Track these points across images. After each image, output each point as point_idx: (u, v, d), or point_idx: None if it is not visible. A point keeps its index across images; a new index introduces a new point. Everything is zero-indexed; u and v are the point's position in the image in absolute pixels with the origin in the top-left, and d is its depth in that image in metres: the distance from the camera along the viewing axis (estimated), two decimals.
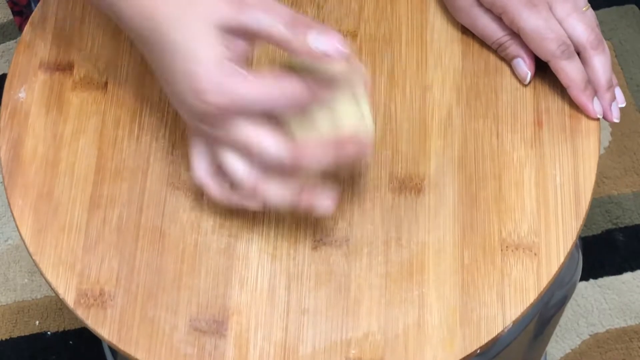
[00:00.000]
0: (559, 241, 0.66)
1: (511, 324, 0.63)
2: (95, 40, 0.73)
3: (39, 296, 1.31)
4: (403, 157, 0.68)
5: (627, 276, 1.30)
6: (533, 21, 0.68)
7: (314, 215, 0.65)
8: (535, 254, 0.65)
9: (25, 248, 0.66)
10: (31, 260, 1.19)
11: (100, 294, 0.64)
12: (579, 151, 0.69)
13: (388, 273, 0.65)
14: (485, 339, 0.63)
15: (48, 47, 0.73)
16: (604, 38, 0.70)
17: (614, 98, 0.70)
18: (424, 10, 0.74)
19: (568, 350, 1.25)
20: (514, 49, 0.70)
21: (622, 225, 1.33)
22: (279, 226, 0.66)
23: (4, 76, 1.18)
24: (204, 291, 0.65)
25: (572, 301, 1.28)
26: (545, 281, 0.64)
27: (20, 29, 1.02)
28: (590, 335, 1.26)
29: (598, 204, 1.34)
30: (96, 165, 0.68)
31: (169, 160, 0.69)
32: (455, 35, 0.73)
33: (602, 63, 0.69)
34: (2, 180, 0.68)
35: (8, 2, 1.01)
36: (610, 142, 1.38)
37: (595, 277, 1.30)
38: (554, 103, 0.70)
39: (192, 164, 0.64)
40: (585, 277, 1.29)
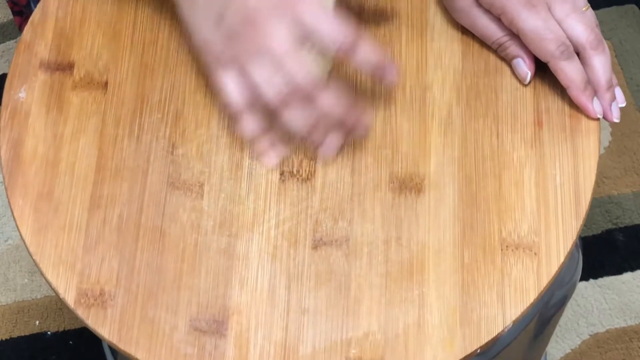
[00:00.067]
0: (559, 241, 0.66)
1: (511, 324, 0.63)
2: (96, 40, 0.73)
3: (39, 296, 1.31)
4: (403, 157, 0.68)
5: (627, 276, 1.30)
6: (532, 22, 0.68)
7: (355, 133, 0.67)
8: (536, 254, 0.65)
9: (26, 248, 0.66)
10: (31, 260, 1.19)
11: (101, 294, 0.64)
12: (579, 151, 0.69)
13: (388, 273, 0.65)
14: (485, 339, 0.63)
15: (48, 47, 0.73)
16: (603, 38, 0.70)
17: (614, 98, 0.70)
18: (424, 10, 0.73)
19: (568, 350, 1.25)
20: (513, 49, 0.70)
21: (622, 225, 1.33)
22: (279, 226, 0.66)
23: (4, 76, 1.18)
24: (204, 291, 0.65)
25: (572, 301, 1.27)
26: (545, 281, 0.64)
27: (20, 28, 1.02)
28: (590, 335, 1.26)
29: (598, 204, 1.33)
30: (96, 165, 0.68)
31: (169, 160, 0.69)
32: (455, 35, 0.73)
33: (602, 63, 0.69)
34: (3, 180, 0.68)
35: (8, 2, 1.01)
36: (610, 142, 1.38)
37: (595, 277, 1.30)
38: (554, 103, 0.70)
39: (229, 91, 0.64)
40: (585, 277, 1.29)
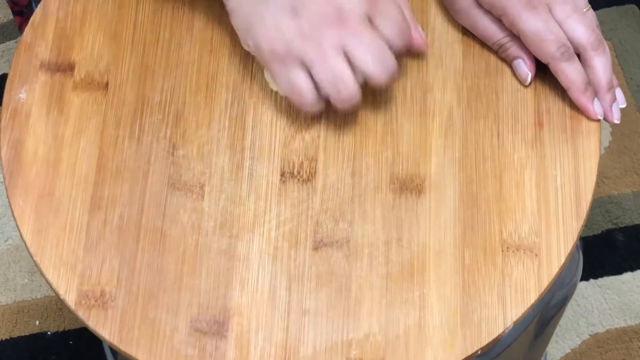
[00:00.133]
0: (560, 242, 0.66)
1: (512, 325, 0.63)
2: (96, 41, 0.73)
3: (39, 296, 1.31)
4: (404, 158, 0.68)
5: (627, 276, 1.30)
6: (532, 23, 0.68)
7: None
8: (536, 255, 0.65)
9: (26, 249, 0.66)
10: (31, 260, 1.19)
11: (101, 295, 0.64)
12: (580, 152, 0.69)
13: (389, 274, 0.65)
14: (486, 340, 0.63)
15: (49, 48, 0.73)
16: (604, 38, 0.70)
17: (615, 99, 0.70)
18: (425, 11, 0.73)
19: (568, 350, 1.25)
20: (514, 50, 0.70)
21: (622, 225, 1.33)
22: (279, 227, 0.66)
23: (5, 76, 1.17)
24: (205, 292, 0.65)
25: (572, 301, 1.27)
26: (546, 282, 0.64)
27: (21, 29, 1.02)
28: (590, 335, 1.26)
29: (598, 204, 1.33)
30: (97, 166, 0.68)
31: (169, 160, 0.69)
32: (455, 36, 0.73)
33: (603, 64, 0.69)
34: (3, 181, 0.68)
35: (8, 2, 1.01)
36: (610, 142, 1.38)
37: (595, 277, 1.30)
38: (554, 104, 0.70)
39: (300, 89, 0.65)
40: (585, 277, 1.29)
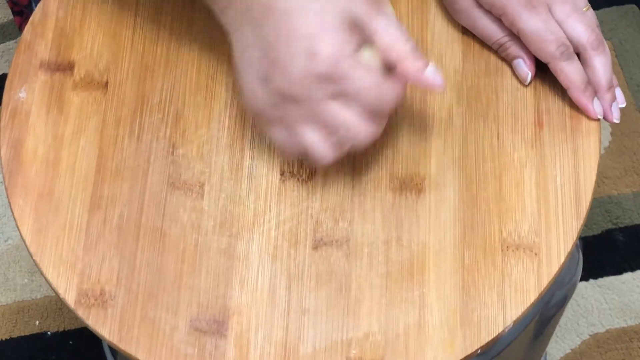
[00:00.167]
0: (560, 241, 0.66)
1: (511, 324, 0.63)
2: (96, 40, 0.73)
3: (39, 296, 1.31)
4: (404, 157, 0.68)
5: (627, 276, 1.30)
6: (532, 23, 0.68)
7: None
8: (536, 254, 0.65)
9: (26, 248, 0.66)
10: (31, 260, 1.19)
11: (101, 294, 0.64)
12: (580, 151, 0.69)
13: (389, 273, 0.65)
14: (485, 339, 0.63)
15: (48, 47, 0.73)
16: (604, 38, 0.70)
17: (615, 98, 0.70)
18: (425, 10, 0.73)
19: (568, 350, 1.25)
20: (514, 49, 0.70)
21: (622, 225, 1.33)
22: (279, 226, 0.66)
23: (4, 76, 1.17)
24: (205, 291, 0.65)
25: (572, 301, 1.27)
26: (545, 281, 0.64)
27: (20, 28, 1.02)
28: (590, 335, 1.26)
29: (598, 204, 1.33)
30: (97, 165, 0.68)
31: (169, 160, 0.69)
32: (455, 35, 0.73)
33: (603, 63, 0.69)
34: (3, 180, 0.68)
35: (8, 2, 1.01)
36: (610, 142, 1.38)
37: (595, 277, 1.30)
38: (554, 103, 0.70)
39: (281, 147, 0.64)
40: (585, 277, 1.29)
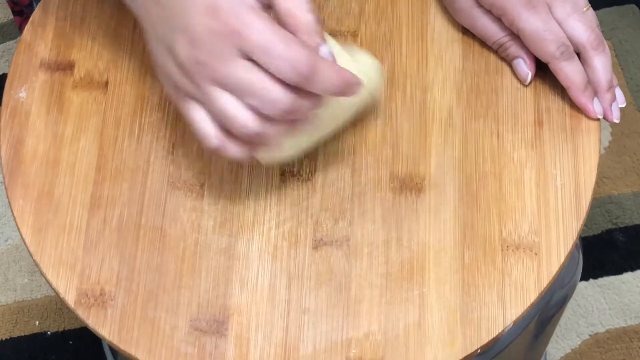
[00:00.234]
0: (560, 241, 0.66)
1: (512, 324, 0.63)
2: (96, 40, 0.73)
3: (39, 296, 1.31)
4: (404, 157, 0.68)
5: (627, 276, 1.30)
6: (532, 22, 0.68)
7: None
8: (536, 254, 0.65)
9: (26, 248, 0.66)
10: (31, 260, 1.19)
11: (101, 294, 0.64)
12: (580, 151, 0.69)
13: (388, 273, 0.65)
14: (485, 339, 0.63)
15: (48, 47, 0.73)
16: (604, 38, 0.70)
17: (614, 98, 0.70)
18: (425, 10, 0.73)
19: (568, 350, 1.25)
20: (514, 49, 0.70)
21: (622, 225, 1.33)
22: (279, 226, 0.66)
23: (5, 76, 1.18)
24: (205, 291, 0.65)
25: (572, 301, 1.27)
26: (545, 281, 0.64)
27: (21, 28, 1.02)
28: (590, 335, 1.26)
29: (598, 204, 1.33)
30: (97, 165, 0.68)
31: (169, 160, 0.69)
32: (455, 35, 0.73)
33: (603, 63, 0.69)
34: (3, 180, 0.68)
35: (8, 2, 1.01)
36: (610, 142, 1.38)
37: (595, 277, 1.30)
38: (554, 103, 0.70)
39: (202, 130, 0.59)
40: (585, 277, 1.29)
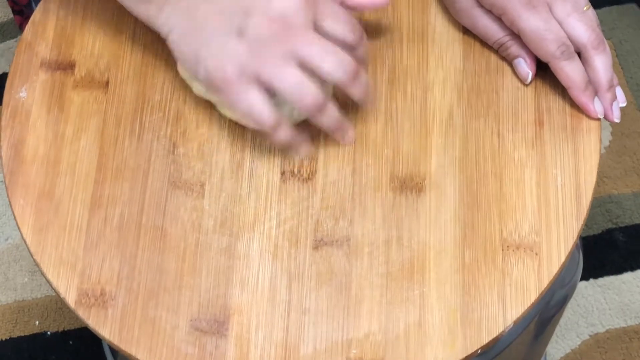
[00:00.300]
0: (560, 241, 0.66)
1: (512, 324, 0.63)
2: (96, 40, 0.73)
3: (39, 296, 1.31)
4: (404, 157, 0.68)
5: (627, 276, 1.30)
6: (532, 22, 0.68)
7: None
8: (536, 254, 0.65)
9: (26, 247, 0.66)
10: (31, 260, 1.19)
11: (101, 294, 0.64)
12: (580, 150, 0.69)
13: (389, 273, 0.65)
14: (486, 339, 0.63)
15: (49, 47, 0.73)
16: (604, 37, 0.70)
17: (615, 98, 0.70)
18: (425, 10, 0.73)
19: (568, 350, 1.25)
20: (515, 49, 0.70)
21: (622, 225, 1.33)
22: (280, 226, 0.66)
23: (5, 75, 1.17)
24: (205, 291, 0.65)
25: (572, 301, 1.27)
26: (546, 281, 0.64)
27: (21, 28, 1.02)
28: (590, 335, 1.26)
29: (598, 204, 1.33)
30: (97, 165, 0.68)
31: (170, 159, 0.69)
32: (456, 35, 0.73)
33: (603, 63, 0.69)
34: (3, 180, 0.68)
35: (8, 1, 1.01)
36: (610, 142, 1.38)
37: (596, 277, 1.30)
38: (555, 102, 0.70)
39: (259, 109, 0.63)
40: (585, 277, 1.29)
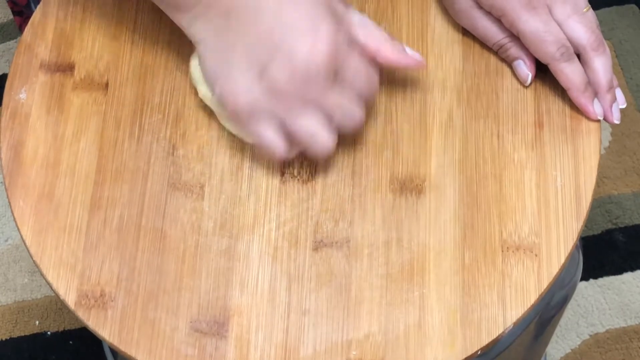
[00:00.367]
0: (560, 242, 0.66)
1: (512, 325, 0.63)
2: (96, 41, 0.73)
3: (39, 296, 1.31)
4: (404, 158, 0.68)
5: (627, 276, 1.30)
6: (532, 24, 0.68)
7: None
8: (536, 255, 0.65)
9: (26, 249, 0.66)
10: (31, 260, 1.19)
11: (101, 295, 0.64)
12: (580, 152, 0.69)
13: (389, 274, 0.65)
14: (485, 340, 0.63)
15: (49, 48, 0.73)
16: (604, 38, 0.70)
17: (615, 99, 0.70)
18: (425, 11, 0.73)
19: (568, 350, 1.25)
20: (514, 50, 0.70)
21: (622, 225, 1.33)
22: (279, 227, 0.66)
23: (5, 76, 1.18)
24: (205, 292, 0.65)
25: (572, 301, 1.27)
26: (546, 282, 0.64)
27: (21, 28, 1.02)
28: (590, 335, 1.26)
29: (598, 204, 1.34)
30: (97, 166, 0.68)
31: (169, 161, 0.69)
32: (455, 36, 0.73)
33: (603, 64, 0.69)
34: (3, 181, 0.68)
35: (8, 2, 1.01)
36: (610, 142, 1.38)
37: (595, 277, 1.30)
38: (554, 104, 0.70)
39: (273, 144, 0.64)
40: (585, 277, 1.29)
